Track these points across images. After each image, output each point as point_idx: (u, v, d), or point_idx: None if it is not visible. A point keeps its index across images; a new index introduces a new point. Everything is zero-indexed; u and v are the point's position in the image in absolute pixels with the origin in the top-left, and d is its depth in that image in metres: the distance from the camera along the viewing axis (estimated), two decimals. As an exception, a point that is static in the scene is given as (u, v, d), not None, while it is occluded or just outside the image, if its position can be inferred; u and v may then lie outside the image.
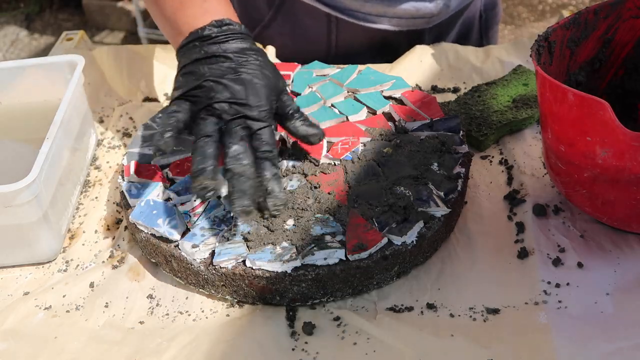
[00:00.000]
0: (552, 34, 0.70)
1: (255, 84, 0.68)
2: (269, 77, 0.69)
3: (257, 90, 0.67)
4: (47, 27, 3.25)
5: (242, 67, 0.68)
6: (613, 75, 0.78)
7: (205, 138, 0.66)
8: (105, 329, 0.65)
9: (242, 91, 0.67)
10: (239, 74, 0.67)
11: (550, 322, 0.62)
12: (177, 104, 0.68)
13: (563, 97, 0.61)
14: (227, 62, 0.68)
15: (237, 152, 0.65)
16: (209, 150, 0.65)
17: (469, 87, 0.93)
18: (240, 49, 0.69)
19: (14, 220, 0.68)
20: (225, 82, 0.67)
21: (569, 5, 3.08)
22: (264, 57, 0.71)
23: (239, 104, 0.66)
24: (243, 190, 0.63)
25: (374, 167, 0.73)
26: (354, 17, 0.97)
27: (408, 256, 0.67)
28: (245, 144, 0.66)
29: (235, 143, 0.65)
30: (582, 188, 0.65)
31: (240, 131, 0.66)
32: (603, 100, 0.57)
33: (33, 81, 0.87)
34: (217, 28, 0.69)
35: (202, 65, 0.68)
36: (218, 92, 0.67)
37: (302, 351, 0.61)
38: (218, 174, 0.64)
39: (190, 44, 0.70)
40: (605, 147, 0.60)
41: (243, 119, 0.67)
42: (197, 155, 0.65)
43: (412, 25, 0.98)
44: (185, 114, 0.67)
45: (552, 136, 0.66)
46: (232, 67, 0.68)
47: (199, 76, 0.68)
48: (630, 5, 0.73)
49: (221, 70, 0.68)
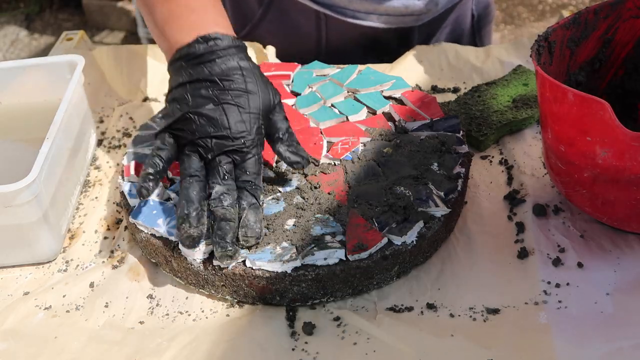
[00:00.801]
0: (552, 34, 0.70)
1: (239, 111, 0.66)
2: (254, 100, 0.67)
3: (239, 119, 0.66)
4: (47, 27, 3.25)
5: (226, 93, 0.67)
6: (613, 75, 0.78)
7: (190, 179, 0.66)
8: (105, 329, 0.65)
9: (223, 122, 0.66)
10: (222, 102, 0.66)
11: (550, 322, 0.62)
12: (162, 140, 0.68)
13: (563, 97, 0.61)
14: (212, 87, 0.67)
15: (220, 193, 0.65)
16: (192, 193, 0.65)
17: (469, 87, 0.93)
18: (226, 70, 0.67)
19: (14, 220, 0.68)
20: (207, 113, 0.66)
21: (569, 5, 3.08)
22: (253, 75, 0.68)
23: (221, 137, 0.66)
24: (224, 233, 0.63)
25: (374, 167, 0.73)
26: (342, 14, 0.97)
27: (408, 256, 0.67)
28: (229, 181, 0.66)
29: (217, 183, 0.66)
30: (582, 188, 0.65)
31: (225, 167, 0.66)
32: (603, 100, 0.57)
33: (33, 81, 0.87)
34: (204, 44, 0.68)
35: (186, 93, 0.67)
36: (200, 126, 0.66)
37: (302, 351, 0.61)
38: (203, 218, 0.65)
39: (177, 63, 0.69)
40: (605, 147, 0.60)
41: (225, 155, 0.66)
42: (182, 199, 0.65)
43: (401, 22, 0.98)
44: (169, 152, 0.68)
45: (552, 136, 0.66)
46: (215, 94, 0.67)
47: (182, 106, 0.67)
48: (630, 5, 0.73)
49: (203, 98, 0.67)
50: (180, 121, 0.67)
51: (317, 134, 0.79)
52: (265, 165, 0.74)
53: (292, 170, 0.74)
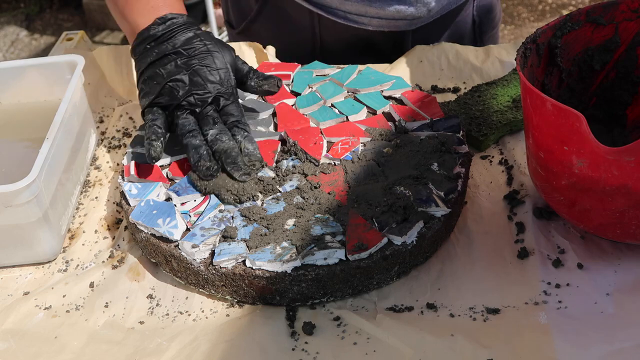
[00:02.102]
0: (541, 35, 0.70)
1: (209, 69, 0.75)
2: (218, 57, 0.76)
3: (212, 74, 0.75)
4: (47, 27, 3.25)
5: (193, 58, 0.75)
6: (604, 78, 0.77)
7: (189, 134, 0.74)
8: (105, 329, 0.65)
9: (199, 81, 0.75)
10: (192, 66, 0.75)
11: (550, 322, 0.62)
12: (152, 113, 0.76)
13: (542, 105, 0.61)
14: (179, 57, 0.75)
15: (215, 134, 0.74)
16: (196, 142, 0.73)
17: (469, 87, 0.93)
18: (186, 40, 0.76)
19: (14, 220, 0.68)
20: (183, 78, 0.75)
21: (569, 5, 3.08)
22: (209, 39, 0.77)
23: (201, 92, 0.75)
24: (234, 160, 0.72)
25: (374, 167, 0.73)
26: (334, 15, 0.97)
27: (408, 256, 0.66)
28: (220, 125, 0.75)
29: (210, 128, 0.74)
30: (560, 195, 0.65)
31: (212, 115, 0.75)
32: (578, 112, 0.57)
33: (33, 81, 0.87)
34: (162, 25, 0.77)
35: (158, 68, 0.76)
36: (181, 89, 0.75)
37: (302, 351, 0.61)
38: (211, 156, 0.73)
39: (141, 45, 0.77)
40: (581, 158, 0.60)
41: (210, 105, 0.75)
42: (190, 149, 0.73)
43: (393, 26, 0.98)
44: (162, 119, 0.76)
45: (533, 142, 0.66)
46: (184, 62, 0.75)
47: (159, 80, 0.75)
48: (623, 8, 0.73)
49: (176, 68, 0.75)
50: (162, 93, 0.75)
51: (317, 134, 0.79)
52: (265, 165, 0.74)
53: (292, 171, 0.74)
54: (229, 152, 0.72)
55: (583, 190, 0.62)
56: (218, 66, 0.76)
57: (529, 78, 0.68)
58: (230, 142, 0.73)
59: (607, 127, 0.79)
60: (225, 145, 0.72)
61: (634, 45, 0.75)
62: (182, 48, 0.75)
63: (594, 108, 0.79)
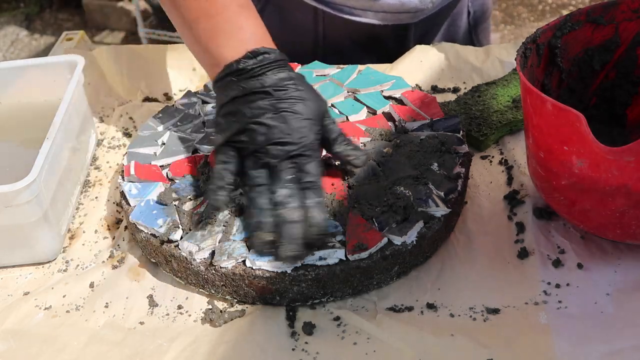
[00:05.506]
0: (541, 35, 0.70)
1: (297, 118, 0.67)
2: (310, 107, 0.68)
3: (299, 125, 0.67)
4: (47, 27, 3.25)
5: (282, 101, 0.67)
6: (604, 78, 0.77)
7: (257, 188, 0.67)
8: (106, 329, 0.65)
9: (285, 129, 0.66)
10: (280, 110, 0.67)
11: (550, 322, 0.62)
12: (225, 154, 0.68)
13: (542, 105, 0.61)
14: (267, 98, 0.67)
15: (284, 196, 0.65)
16: (262, 202, 0.66)
17: (469, 87, 0.93)
18: (278, 81, 0.68)
19: (14, 220, 0.68)
20: (267, 122, 0.66)
21: (569, 5, 3.08)
22: (303, 84, 0.69)
23: (283, 143, 0.66)
24: (291, 235, 0.63)
25: (374, 167, 0.73)
26: (339, 11, 0.98)
27: (408, 256, 0.67)
28: (293, 185, 0.66)
29: (282, 187, 0.66)
30: (560, 195, 0.65)
31: (288, 172, 0.67)
32: (579, 112, 0.57)
33: (33, 81, 0.87)
34: (253, 59, 0.68)
35: (242, 105, 0.67)
36: (262, 134, 0.66)
37: (302, 351, 0.61)
38: (274, 224, 0.65)
39: (226, 78, 0.69)
40: (581, 158, 0.60)
41: (288, 160, 0.67)
42: (253, 208, 0.66)
43: (397, 20, 0.98)
44: (234, 165, 0.68)
45: (533, 142, 0.66)
46: (272, 104, 0.67)
47: (240, 118, 0.67)
48: (624, 8, 0.73)
49: (261, 109, 0.67)
50: (241, 132, 0.67)
51: (317, 134, 0.79)
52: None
53: None
54: (291, 227, 0.64)
55: (583, 190, 0.62)
56: (308, 116, 0.68)
57: (529, 78, 0.68)
58: (297, 213, 0.64)
59: (607, 127, 0.79)
60: (290, 217, 0.64)
61: (634, 45, 0.75)
62: (271, 88, 0.67)
63: (594, 108, 0.79)
